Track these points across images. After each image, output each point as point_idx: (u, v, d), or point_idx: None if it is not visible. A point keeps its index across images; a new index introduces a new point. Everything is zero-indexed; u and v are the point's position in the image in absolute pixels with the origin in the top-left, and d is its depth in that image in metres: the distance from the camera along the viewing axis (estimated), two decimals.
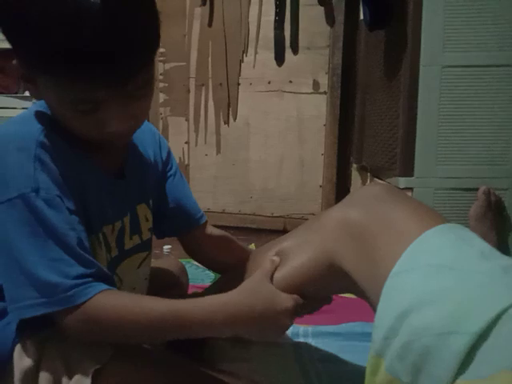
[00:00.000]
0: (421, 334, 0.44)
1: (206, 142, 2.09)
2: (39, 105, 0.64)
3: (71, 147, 0.61)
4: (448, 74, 1.12)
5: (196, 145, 2.11)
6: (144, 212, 0.77)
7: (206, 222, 0.86)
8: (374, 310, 0.50)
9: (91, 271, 0.59)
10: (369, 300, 0.55)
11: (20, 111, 0.66)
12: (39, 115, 0.61)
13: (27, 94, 1.69)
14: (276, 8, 1.90)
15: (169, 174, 0.84)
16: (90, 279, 0.58)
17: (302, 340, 0.97)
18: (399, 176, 1.19)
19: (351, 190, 1.92)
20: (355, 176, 1.83)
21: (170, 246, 1.55)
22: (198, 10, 2.01)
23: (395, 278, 0.48)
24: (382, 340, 0.47)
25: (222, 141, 2.08)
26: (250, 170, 2.06)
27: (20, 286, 0.57)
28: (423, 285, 0.46)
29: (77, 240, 0.58)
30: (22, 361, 0.61)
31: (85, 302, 0.57)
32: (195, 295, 0.88)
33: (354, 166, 1.82)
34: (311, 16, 1.88)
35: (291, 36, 1.90)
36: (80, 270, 0.57)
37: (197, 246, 0.86)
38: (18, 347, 0.62)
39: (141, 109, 0.61)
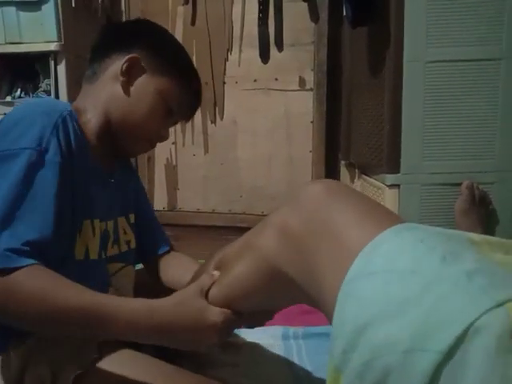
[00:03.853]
0: (382, 351, 0.40)
1: (193, 143, 2.08)
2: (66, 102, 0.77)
3: (83, 136, 0.71)
4: (432, 70, 1.12)
5: (183, 145, 2.09)
6: (123, 225, 0.80)
7: (171, 246, 0.94)
8: (330, 320, 0.47)
9: (44, 245, 0.58)
10: (322, 310, 0.51)
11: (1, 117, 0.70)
12: (67, 104, 0.74)
13: (9, 99, 1.66)
14: (259, 5, 1.88)
15: (142, 196, 0.92)
16: (32, 251, 0.56)
17: (292, 342, 0.97)
18: (386, 173, 1.18)
19: None
20: (344, 172, 1.83)
21: None
22: (180, 9, 1.99)
23: (351, 285, 0.45)
24: (340, 354, 0.44)
25: (209, 140, 2.06)
26: (239, 169, 2.05)
27: None
28: (383, 293, 0.43)
29: (57, 209, 0.61)
30: (6, 371, 0.61)
31: (16, 268, 0.54)
32: None
33: (343, 162, 1.81)
34: (295, 13, 1.87)
35: (275, 33, 1.89)
36: (37, 238, 0.57)
37: (163, 268, 0.90)
38: (1, 358, 0.62)
39: None
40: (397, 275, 0.43)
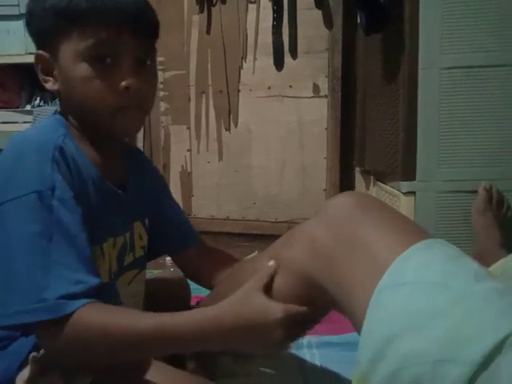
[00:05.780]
0: (412, 361, 0.40)
1: (207, 150, 2.09)
2: (55, 117, 0.68)
3: (85, 156, 0.65)
4: (447, 76, 1.11)
5: (198, 152, 2.11)
6: (138, 230, 0.78)
7: (202, 241, 0.89)
8: (358, 331, 0.47)
9: (92, 281, 0.57)
10: (351, 320, 0.51)
11: (21, 125, 0.69)
12: (59, 123, 0.66)
13: (28, 108, 1.70)
14: (273, 13, 1.89)
15: (164, 195, 0.87)
16: (84, 289, 0.56)
17: (305, 351, 0.96)
18: (401, 180, 1.17)
19: None
20: (359, 179, 1.82)
21: None
22: (195, 18, 2.02)
23: (381, 295, 0.45)
24: (368, 362, 0.44)
25: (223, 148, 2.07)
26: (253, 176, 2.05)
27: (11, 289, 0.55)
28: (412, 304, 0.43)
29: (86, 244, 0.58)
30: (20, 377, 0.61)
31: (73, 312, 0.54)
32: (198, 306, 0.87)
33: (357, 169, 1.80)
34: (309, 20, 1.87)
35: (290, 40, 1.89)
36: (83, 277, 0.56)
37: (193, 265, 0.87)
38: (19, 374, 0.62)
39: (149, 81, 0.68)
40: (427, 287, 0.44)
